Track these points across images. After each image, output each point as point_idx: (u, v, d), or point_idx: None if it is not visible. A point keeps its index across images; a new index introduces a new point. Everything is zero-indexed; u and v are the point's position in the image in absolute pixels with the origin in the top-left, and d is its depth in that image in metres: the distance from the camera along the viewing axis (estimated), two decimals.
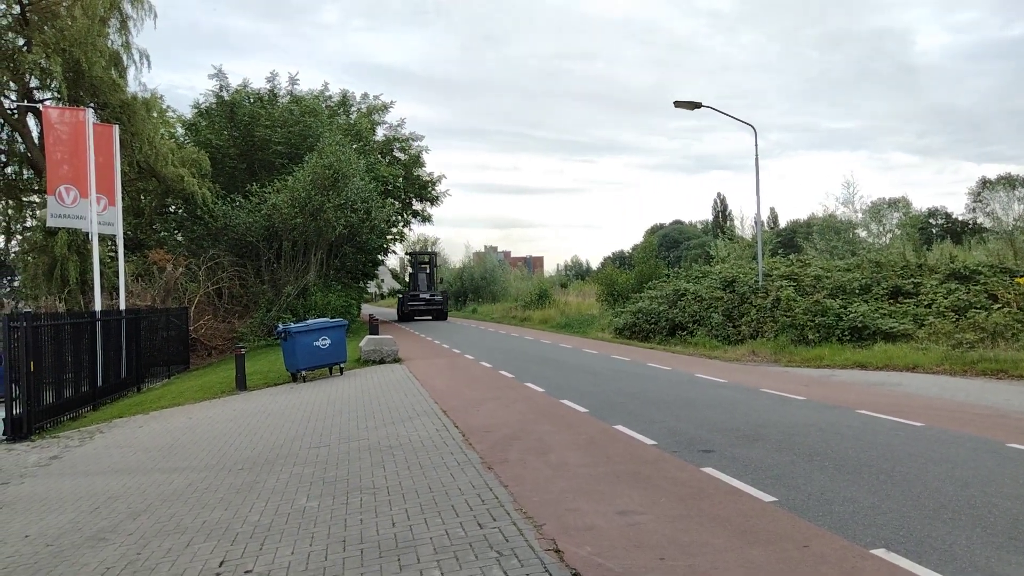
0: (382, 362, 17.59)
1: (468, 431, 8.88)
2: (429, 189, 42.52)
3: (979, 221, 57.59)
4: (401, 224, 42.28)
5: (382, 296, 64.20)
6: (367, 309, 51.10)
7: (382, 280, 50.80)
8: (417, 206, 43.07)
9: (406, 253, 54.17)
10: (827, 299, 17.93)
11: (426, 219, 43.99)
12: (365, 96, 40.81)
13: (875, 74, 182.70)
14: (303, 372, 15.40)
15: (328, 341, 15.53)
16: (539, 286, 44.62)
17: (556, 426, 8.97)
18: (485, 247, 78.16)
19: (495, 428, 9.00)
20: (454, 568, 4.55)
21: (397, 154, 41.57)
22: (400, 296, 46.31)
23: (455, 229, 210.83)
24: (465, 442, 8.27)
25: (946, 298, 16.94)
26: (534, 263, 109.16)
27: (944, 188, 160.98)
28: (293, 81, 35.70)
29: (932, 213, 62.32)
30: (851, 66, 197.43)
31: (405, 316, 40.66)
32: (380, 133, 41.08)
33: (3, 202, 29.16)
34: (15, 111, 26.35)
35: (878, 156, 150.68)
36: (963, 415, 8.85)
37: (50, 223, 18.67)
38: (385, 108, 40.81)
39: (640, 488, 6.12)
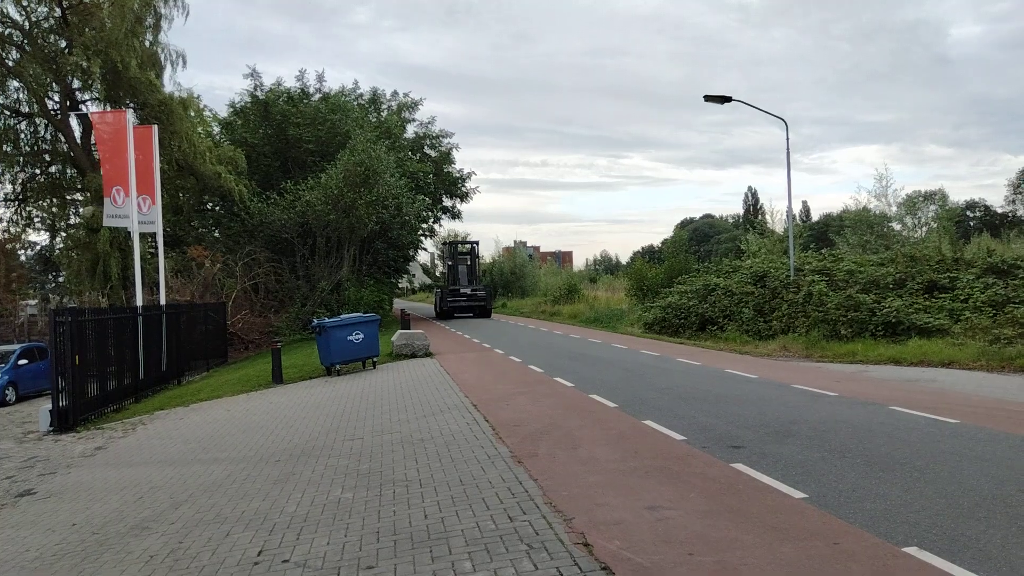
0: (413, 356, 17.79)
1: (498, 425, 8.96)
2: (459, 185, 42.66)
3: (1019, 213, 56.09)
4: (432, 220, 42.43)
5: (413, 291, 64.55)
6: (398, 304, 51.46)
7: (413, 275, 50.44)
8: (447, 202, 43.24)
9: (444, 243, 48.62)
10: (860, 294, 17.64)
11: (456, 215, 44.16)
12: (395, 94, 41.13)
13: (910, 66, 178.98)
14: (337, 366, 15.66)
15: (361, 335, 15.77)
16: (568, 281, 44.46)
17: (585, 421, 9.02)
18: (515, 242, 78.12)
19: (525, 422, 9.07)
20: (485, 560, 4.62)
21: (428, 151, 41.76)
22: (438, 291, 41.77)
23: (485, 224, 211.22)
24: (495, 436, 8.36)
25: (983, 292, 16.56)
26: (563, 258, 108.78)
27: (981, 180, 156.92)
28: (320, 79, 36.15)
29: (970, 205, 60.79)
30: (885, 58, 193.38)
31: (444, 313, 36.89)
32: (410, 130, 41.32)
33: (48, 200, 30.02)
34: (58, 112, 27.08)
35: (913, 149, 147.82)
36: (1000, 412, 8.68)
37: (106, 223, 19.49)
38: (415, 105, 41.03)
39: (669, 483, 6.14)
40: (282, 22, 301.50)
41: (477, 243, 41.93)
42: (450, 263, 40.34)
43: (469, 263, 39.78)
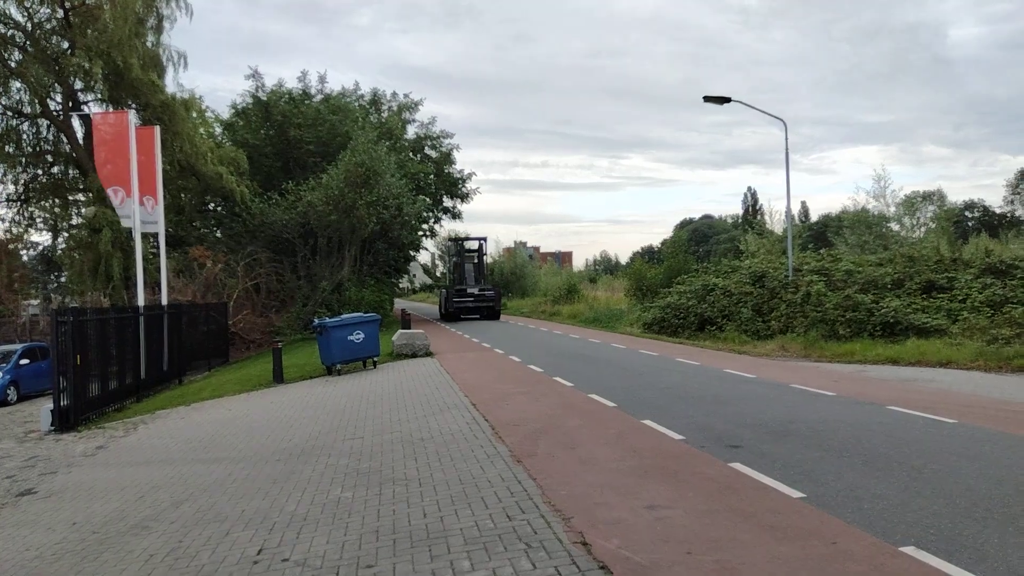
0: (414, 356, 17.82)
1: (498, 424, 8.99)
2: (459, 186, 42.63)
3: (1017, 214, 56.16)
4: (432, 220, 42.35)
5: (413, 291, 64.60)
6: (399, 304, 51.44)
7: (414, 275, 50.11)
8: (448, 203, 43.16)
9: (448, 240, 44.45)
10: (858, 294, 17.69)
11: (456, 216, 44.07)
12: (395, 95, 41.11)
13: (910, 67, 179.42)
14: (338, 365, 15.70)
15: (362, 335, 15.82)
16: (568, 281, 44.43)
17: (584, 420, 9.04)
18: (515, 242, 78.19)
19: (524, 422, 9.10)
20: (483, 559, 4.65)
21: (428, 152, 41.77)
22: (443, 291, 38.67)
23: (485, 225, 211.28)
24: (495, 435, 8.38)
25: (981, 292, 16.61)
26: (563, 258, 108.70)
27: (980, 181, 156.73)
28: (322, 80, 36.16)
29: (969, 206, 60.81)
30: (885, 59, 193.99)
31: (450, 315, 34.38)
32: (411, 131, 41.27)
33: (50, 200, 30.04)
34: (60, 113, 27.12)
35: (912, 149, 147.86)
36: (997, 412, 8.70)
37: (125, 224, 19.78)
38: (416, 106, 40.96)
39: (668, 483, 6.17)
40: (285, 24, 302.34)
41: (485, 239, 38.87)
42: (456, 260, 38.03)
43: (476, 261, 37.76)
